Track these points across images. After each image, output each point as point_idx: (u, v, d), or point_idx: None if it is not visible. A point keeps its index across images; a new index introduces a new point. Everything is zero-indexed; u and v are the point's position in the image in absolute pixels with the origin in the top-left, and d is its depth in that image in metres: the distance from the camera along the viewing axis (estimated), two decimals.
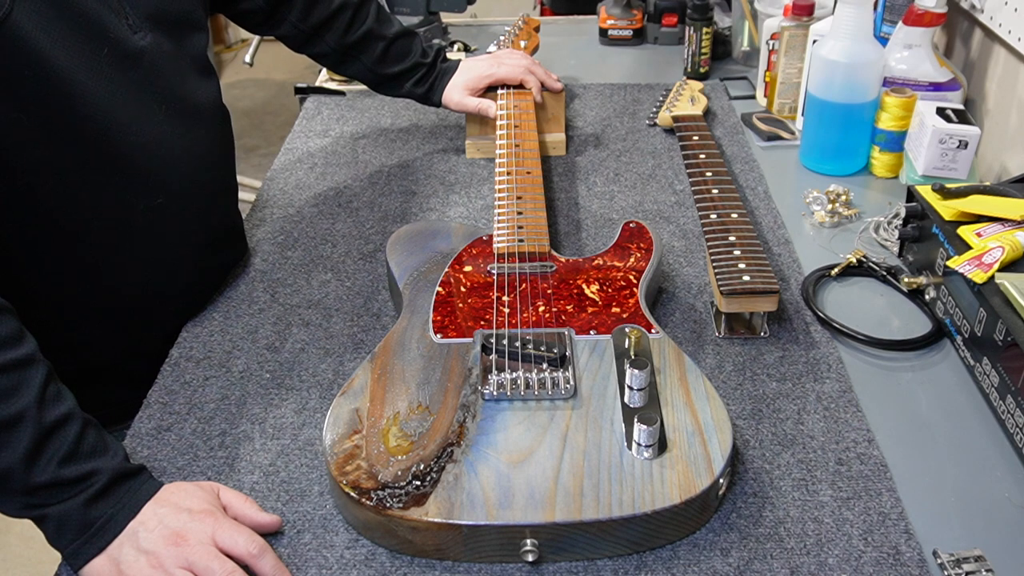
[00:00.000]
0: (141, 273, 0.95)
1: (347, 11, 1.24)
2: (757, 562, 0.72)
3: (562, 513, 0.71)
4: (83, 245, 0.89)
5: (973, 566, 0.71)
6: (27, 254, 0.87)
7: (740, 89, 1.54)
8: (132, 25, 0.87)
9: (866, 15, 1.20)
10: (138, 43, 0.88)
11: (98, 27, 0.83)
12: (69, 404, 0.74)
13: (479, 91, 1.31)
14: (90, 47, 0.82)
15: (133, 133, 0.87)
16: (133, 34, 0.87)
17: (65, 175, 0.84)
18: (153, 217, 0.92)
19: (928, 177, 1.17)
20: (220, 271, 1.07)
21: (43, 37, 0.78)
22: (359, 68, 1.28)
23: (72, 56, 0.81)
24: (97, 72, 0.83)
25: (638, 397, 0.79)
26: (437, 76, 1.31)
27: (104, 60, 0.84)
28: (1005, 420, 0.83)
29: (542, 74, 1.33)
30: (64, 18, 0.80)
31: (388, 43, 1.27)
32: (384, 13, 1.29)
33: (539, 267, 0.97)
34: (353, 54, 1.26)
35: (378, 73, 1.28)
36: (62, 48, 0.80)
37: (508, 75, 1.31)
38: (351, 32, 1.24)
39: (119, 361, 0.98)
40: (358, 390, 0.82)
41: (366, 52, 1.27)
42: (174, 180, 0.93)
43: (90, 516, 0.72)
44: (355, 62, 1.28)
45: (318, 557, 0.74)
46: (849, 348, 0.95)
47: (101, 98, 0.84)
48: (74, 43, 0.81)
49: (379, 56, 1.27)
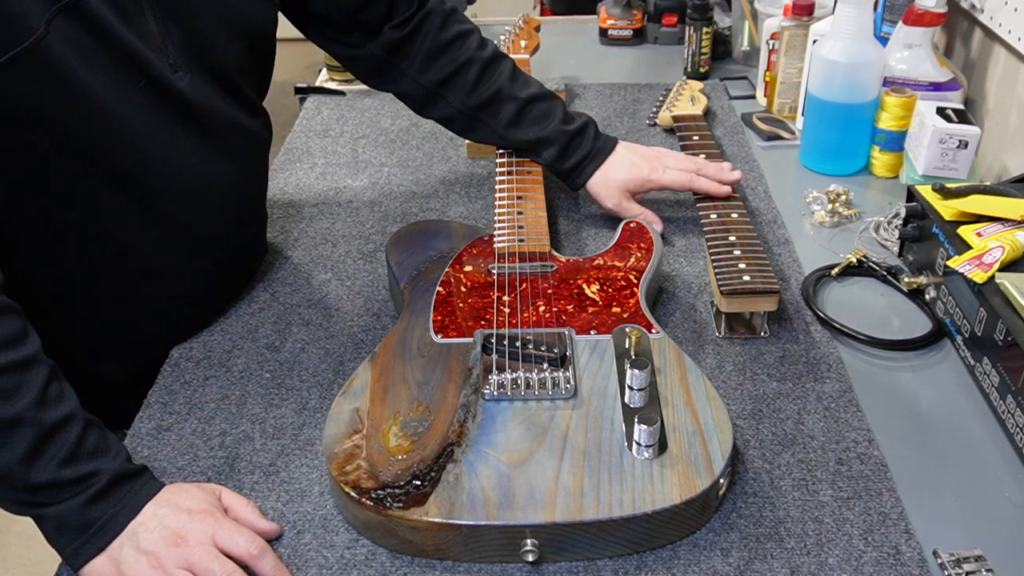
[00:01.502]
0: (148, 298, 0.94)
1: (473, 67, 1.11)
2: (757, 562, 0.72)
3: (562, 513, 0.71)
4: (94, 261, 0.89)
5: (973, 566, 0.71)
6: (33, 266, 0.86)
7: (740, 89, 1.54)
8: (172, 64, 0.86)
9: (866, 15, 1.20)
10: (177, 83, 0.86)
11: (138, 62, 0.82)
12: (71, 405, 0.74)
13: (638, 196, 1.16)
14: (126, 78, 0.81)
15: (159, 166, 0.86)
16: (173, 73, 0.86)
17: (81, 198, 0.84)
18: (169, 244, 0.91)
19: (928, 177, 1.17)
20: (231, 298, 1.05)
21: (77, 63, 0.77)
22: (488, 134, 1.15)
23: (107, 85, 0.80)
24: (130, 103, 0.82)
25: (638, 397, 0.79)
26: (588, 156, 1.14)
27: (139, 91, 0.83)
28: (1005, 420, 0.83)
29: (713, 172, 1.13)
30: (102, 48, 0.79)
31: (522, 104, 1.12)
32: (520, 74, 1.15)
33: (539, 267, 0.97)
34: (482, 117, 1.13)
35: (509, 139, 1.14)
36: (97, 75, 0.79)
37: (672, 183, 1.13)
38: (478, 91, 1.11)
39: (118, 375, 0.97)
40: (358, 390, 0.82)
41: (496, 115, 1.12)
42: (194, 212, 0.92)
43: (90, 516, 0.72)
44: (483, 126, 1.14)
45: (318, 557, 0.74)
46: (849, 348, 0.95)
47: (130, 129, 0.83)
48: (110, 72, 0.80)
49: (511, 119, 1.12)
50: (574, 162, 1.14)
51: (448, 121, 1.15)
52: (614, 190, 1.14)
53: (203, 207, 0.93)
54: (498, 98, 1.12)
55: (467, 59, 1.11)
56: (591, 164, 1.14)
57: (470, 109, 1.12)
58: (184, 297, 0.97)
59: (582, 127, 1.15)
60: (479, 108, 1.12)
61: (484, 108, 1.12)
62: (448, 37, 1.11)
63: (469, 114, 1.13)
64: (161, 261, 0.93)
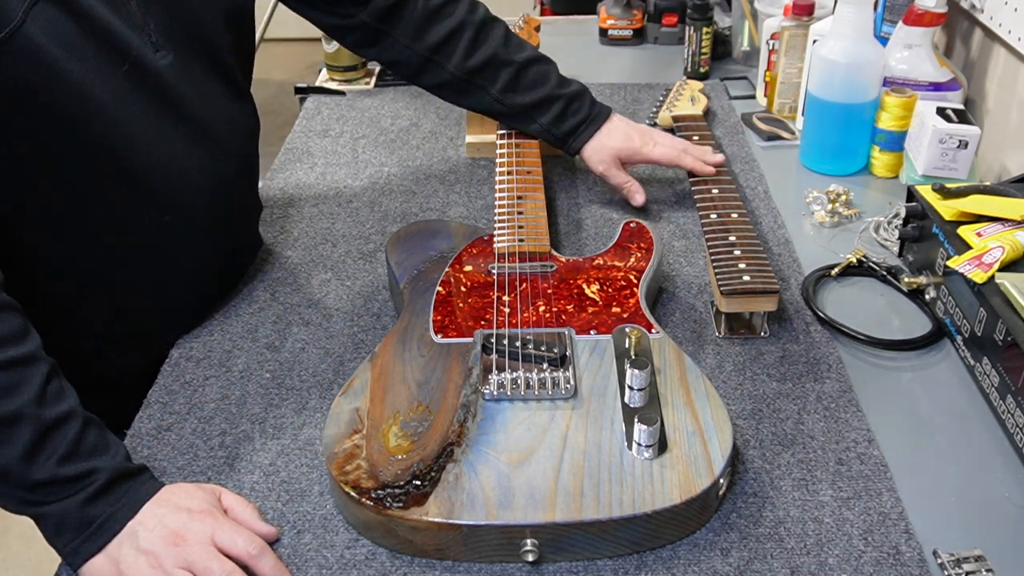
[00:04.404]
0: (145, 288, 0.94)
1: (467, 31, 1.09)
2: (757, 562, 0.72)
3: (562, 513, 0.71)
4: (86, 255, 0.89)
5: (973, 566, 0.71)
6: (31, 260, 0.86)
7: (740, 89, 1.54)
8: (155, 43, 0.86)
9: (866, 15, 1.20)
10: (158, 62, 0.86)
11: (120, 43, 0.82)
12: (71, 402, 0.74)
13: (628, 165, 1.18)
14: (109, 62, 0.81)
15: (146, 151, 0.86)
16: (155, 52, 0.86)
17: (71, 186, 0.84)
18: (160, 234, 0.91)
19: (928, 177, 1.17)
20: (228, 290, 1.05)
21: (58, 50, 0.77)
22: (484, 99, 1.13)
23: (89, 70, 0.80)
24: (114, 88, 0.82)
25: (638, 397, 0.79)
26: (586, 121, 1.15)
27: (123, 76, 0.83)
28: (1005, 420, 0.83)
29: (698, 153, 1.17)
30: (83, 32, 0.79)
31: (518, 68, 1.11)
32: (513, 37, 1.14)
33: (539, 267, 0.97)
34: (477, 82, 1.12)
35: (506, 103, 1.13)
36: (79, 61, 0.79)
37: (662, 157, 1.16)
38: (473, 56, 1.10)
39: (115, 373, 0.98)
40: (358, 390, 0.82)
41: (492, 79, 1.11)
42: (186, 200, 0.92)
43: (89, 515, 0.72)
44: (479, 92, 1.13)
45: (318, 557, 0.74)
46: (849, 348, 0.95)
47: (116, 114, 0.83)
48: (92, 57, 0.80)
49: (507, 83, 1.11)
50: (571, 126, 1.14)
51: (441, 88, 1.14)
52: (606, 155, 1.16)
53: (194, 193, 0.93)
54: (493, 62, 1.11)
55: (459, 23, 1.09)
56: (587, 129, 1.15)
57: (465, 74, 1.11)
58: (180, 289, 0.97)
59: (579, 91, 1.15)
60: (474, 73, 1.11)
61: (479, 72, 1.11)
62: (439, 2, 1.11)
63: (464, 79, 1.11)
64: (156, 250, 0.93)
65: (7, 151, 0.79)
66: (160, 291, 0.95)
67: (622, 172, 1.17)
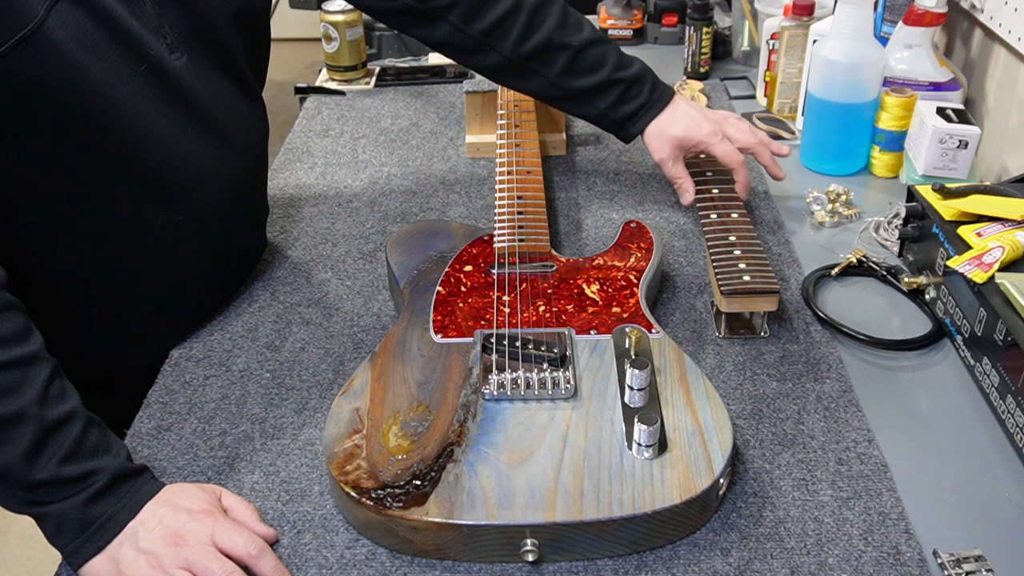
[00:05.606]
0: (151, 287, 0.94)
1: (522, 13, 1.04)
2: (757, 562, 0.72)
3: (562, 513, 0.71)
4: (95, 252, 0.89)
5: (973, 566, 0.71)
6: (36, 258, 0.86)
7: (740, 89, 1.54)
8: (170, 44, 0.86)
9: (866, 15, 1.20)
10: (174, 63, 0.86)
11: (138, 44, 0.82)
12: (73, 403, 0.74)
13: (689, 155, 1.12)
14: (127, 62, 0.82)
15: (160, 150, 0.86)
16: (170, 53, 0.86)
17: (83, 184, 0.84)
18: (170, 234, 0.91)
19: (928, 177, 1.17)
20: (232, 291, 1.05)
21: (78, 49, 0.77)
22: (540, 83, 1.08)
23: (107, 70, 0.80)
24: (132, 88, 0.82)
25: (638, 397, 0.79)
26: (646, 105, 1.09)
27: (141, 77, 0.83)
28: (1005, 420, 0.83)
29: (775, 149, 1.13)
30: (103, 32, 0.79)
31: (575, 51, 1.06)
32: (571, 15, 1.08)
33: (539, 267, 0.97)
34: (532, 67, 1.07)
35: (562, 87, 1.08)
36: (98, 61, 0.79)
37: (724, 156, 1.09)
38: (528, 39, 1.05)
39: (115, 373, 0.97)
40: (358, 390, 0.82)
41: (548, 64, 1.06)
42: (197, 199, 0.92)
43: (89, 515, 0.72)
44: (535, 76, 1.08)
45: (318, 557, 0.74)
46: (849, 348, 0.95)
47: (133, 114, 0.83)
48: (111, 57, 0.80)
49: (564, 67, 1.06)
50: (629, 111, 1.09)
51: (496, 71, 1.10)
52: (666, 144, 1.10)
53: (207, 194, 0.93)
54: (549, 46, 1.06)
55: (514, 4, 1.05)
56: (648, 114, 1.10)
57: (520, 58, 1.06)
58: (187, 290, 0.97)
59: (639, 74, 1.09)
60: (530, 57, 1.06)
61: (535, 57, 1.06)
62: None
63: (519, 63, 1.07)
64: (166, 251, 0.93)
65: (21, 148, 0.79)
66: (165, 291, 0.95)
67: (679, 165, 1.11)
